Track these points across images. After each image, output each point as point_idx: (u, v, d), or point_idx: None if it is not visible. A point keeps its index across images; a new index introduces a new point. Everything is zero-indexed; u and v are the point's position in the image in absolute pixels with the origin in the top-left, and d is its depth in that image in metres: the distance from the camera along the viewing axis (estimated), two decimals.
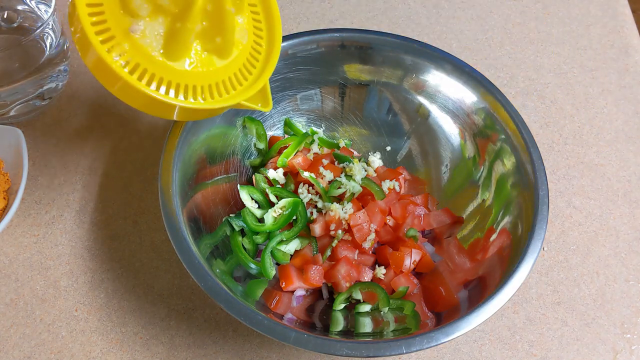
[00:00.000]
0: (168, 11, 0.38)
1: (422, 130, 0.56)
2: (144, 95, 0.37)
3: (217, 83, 0.41)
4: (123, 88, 0.37)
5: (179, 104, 0.39)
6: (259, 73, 0.44)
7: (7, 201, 0.52)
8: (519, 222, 0.45)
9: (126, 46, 0.36)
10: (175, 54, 0.38)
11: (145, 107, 0.39)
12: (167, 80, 0.38)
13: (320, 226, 0.50)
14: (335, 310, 0.47)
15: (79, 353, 0.47)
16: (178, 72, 0.38)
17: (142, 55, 0.37)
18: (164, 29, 0.38)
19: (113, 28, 0.36)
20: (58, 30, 0.58)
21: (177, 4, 0.37)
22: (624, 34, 0.72)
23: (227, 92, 0.42)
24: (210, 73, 0.41)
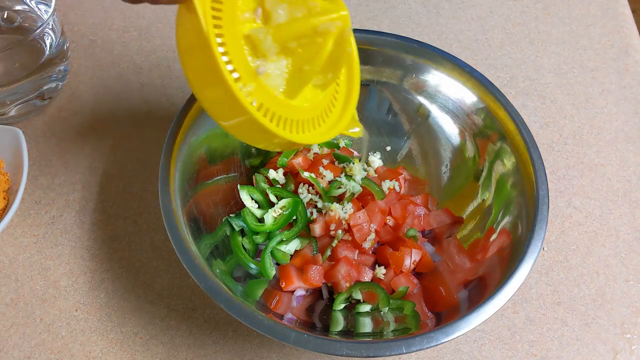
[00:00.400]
0: (295, 53, 0.37)
1: (422, 130, 0.56)
2: (269, 134, 0.36)
3: (317, 115, 0.41)
4: (246, 125, 0.36)
5: (299, 142, 0.38)
6: (345, 99, 0.44)
7: (7, 201, 0.52)
8: (519, 222, 0.45)
9: (252, 87, 0.35)
10: (296, 93, 0.38)
11: (264, 142, 0.39)
12: (284, 118, 0.37)
13: (320, 226, 0.50)
14: (335, 310, 0.47)
15: (79, 353, 0.47)
16: (293, 109, 0.38)
17: (266, 95, 0.36)
18: (287, 69, 0.37)
19: (239, 68, 0.34)
20: (58, 30, 0.58)
21: (305, 48, 0.37)
22: (624, 34, 0.72)
23: (323, 122, 0.42)
24: (314, 106, 0.40)
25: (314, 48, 0.37)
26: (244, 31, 0.35)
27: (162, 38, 0.69)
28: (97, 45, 0.68)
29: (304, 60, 0.37)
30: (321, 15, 0.36)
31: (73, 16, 0.70)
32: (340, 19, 0.37)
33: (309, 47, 0.37)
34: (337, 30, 0.37)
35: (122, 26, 0.70)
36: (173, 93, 0.64)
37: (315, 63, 0.37)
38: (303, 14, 0.37)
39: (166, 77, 0.65)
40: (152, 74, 0.65)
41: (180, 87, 0.64)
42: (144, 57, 0.67)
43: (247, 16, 0.36)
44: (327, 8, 0.37)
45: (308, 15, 0.37)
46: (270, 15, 0.36)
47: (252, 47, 0.35)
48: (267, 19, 0.36)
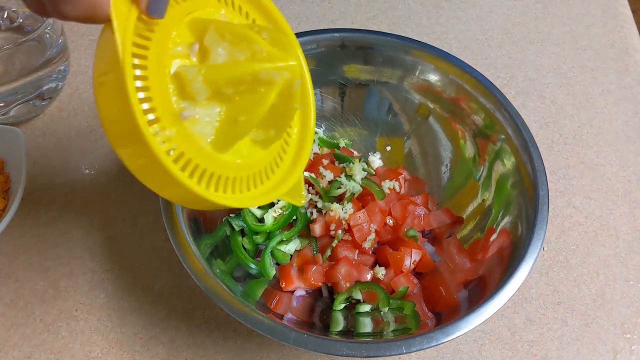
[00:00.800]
0: (230, 100, 0.32)
1: (422, 130, 0.56)
2: (184, 189, 0.31)
3: (255, 174, 0.36)
4: (158, 174, 0.31)
5: (219, 202, 0.33)
6: (293, 161, 0.39)
7: (7, 201, 0.52)
8: (519, 222, 0.45)
9: (172, 132, 0.30)
10: (227, 145, 0.33)
11: (179, 198, 0.35)
12: (209, 173, 0.32)
13: (320, 226, 0.50)
14: (335, 310, 0.47)
15: (79, 353, 0.47)
16: (222, 164, 0.33)
17: (188, 144, 0.31)
18: (219, 118, 0.32)
19: (159, 109, 0.29)
20: (58, 30, 0.58)
21: (243, 96, 0.32)
22: (624, 34, 0.72)
23: (261, 184, 0.37)
24: (251, 164, 0.36)
25: (253, 98, 0.32)
26: (172, 67, 0.31)
27: None
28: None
29: (240, 110, 0.32)
30: (265, 61, 0.31)
31: None
32: (288, 70, 0.32)
33: (248, 95, 0.32)
34: (283, 81, 0.32)
35: None
36: None
37: (252, 115, 0.32)
38: (246, 57, 0.32)
39: None
40: None
41: None
42: None
43: (180, 50, 0.31)
44: (275, 55, 0.32)
45: (250, 59, 0.32)
46: (207, 53, 0.32)
47: (179, 86, 0.30)
48: (203, 57, 0.32)
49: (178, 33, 0.31)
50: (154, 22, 0.30)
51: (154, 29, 0.30)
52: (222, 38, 0.32)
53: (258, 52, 0.32)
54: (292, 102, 0.34)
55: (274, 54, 0.32)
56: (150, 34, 0.29)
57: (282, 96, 0.33)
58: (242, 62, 0.32)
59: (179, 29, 0.31)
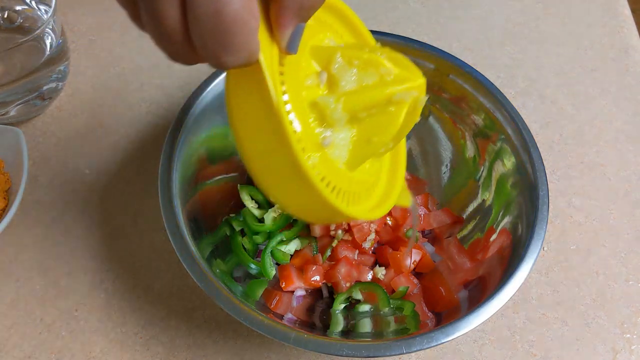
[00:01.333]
0: (363, 122, 0.33)
1: (422, 130, 0.56)
2: (333, 210, 0.32)
3: (370, 186, 0.38)
4: (309, 201, 0.32)
5: (357, 217, 0.35)
6: (391, 166, 0.41)
7: (7, 201, 0.52)
8: (519, 222, 0.45)
9: (317, 158, 0.31)
10: (359, 164, 0.35)
11: (322, 218, 0.36)
12: (343, 191, 0.33)
13: (320, 226, 0.50)
14: (335, 310, 0.47)
15: (79, 353, 0.47)
16: (351, 181, 0.34)
17: (330, 168, 0.32)
18: (352, 140, 0.34)
19: (304, 139, 0.30)
20: (58, 30, 0.58)
21: (376, 117, 0.33)
22: (624, 34, 0.72)
23: (374, 193, 0.38)
24: (368, 177, 0.37)
25: (385, 118, 0.33)
26: (309, 98, 0.31)
27: None
28: (97, 45, 0.68)
29: (373, 131, 0.34)
30: (397, 84, 0.33)
31: (73, 16, 0.70)
32: (417, 88, 0.33)
33: (379, 117, 0.33)
34: (412, 100, 0.33)
35: (122, 26, 0.70)
36: (173, 93, 0.64)
37: (386, 134, 0.34)
38: (374, 81, 0.33)
39: (166, 77, 0.65)
40: (152, 74, 0.65)
41: (180, 87, 0.64)
42: (144, 57, 0.67)
43: (310, 82, 0.32)
44: (403, 76, 0.33)
45: (381, 83, 0.33)
46: (336, 81, 0.33)
47: (319, 115, 0.32)
48: (332, 85, 0.33)
49: (305, 64, 0.32)
50: (284, 56, 0.30)
51: (284, 62, 0.30)
52: (349, 65, 0.33)
53: (386, 74, 0.33)
54: (416, 117, 0.35)
55: (402, 76, 0.33)
56: (283, 69, 0.30)
57: (408, 113, 0.34)
58: (377, 87, 0.33)
59: (305, 60, 0.32)
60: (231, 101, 0.31)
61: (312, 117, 0.32)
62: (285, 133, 0.29)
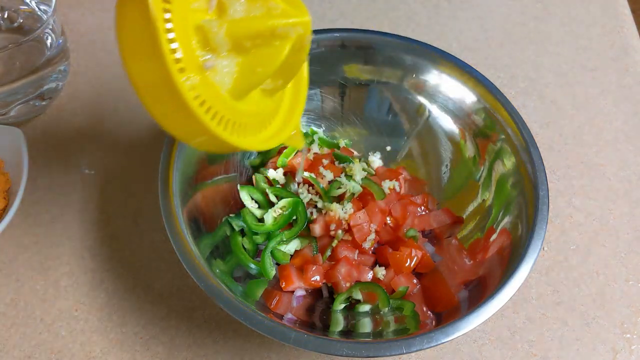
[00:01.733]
0: (248, 52, 0.34)
1: (422, 130, 0.56)
2: (209, 133, 0.33)
3: (261, 121, 0.39)
4: (183, 120, 0.33)
5: (238, 145, 0.36)
6: (289, 108, 0.42)
7: (7, 201, 0.52)
8: (519, 222, 0.45)
9: (196, 80, 0.32)
10: (243, 94, 0.36)
11: (200, 142, 0.36)
12: (226, 118, 0.34)
13: (320, 226, 0.50)
14: (335, 310, 0.47)
15: (79, 353, 0.47)
16: (236, 111, 0.35)
17: (210, 92, 0.33)
18: (237, 68, 0.35)
19: (184, 60, 0.31)
20: (58, 30, 0.58)
21: (260, 49, 0.34)
22: (624, 34, 0.72)
23: (265, 129, 0.40)
24: (258, 111, 0.38)
25: (270, 51, 0.35)
26: (194, 20, 0.32)
27: None
28: (97, 45, 0.68)
29: (257, 62, 0.35)
30: (282, 17, 0.34)
31: (73, 16, 0.70)
32: (302, 25, 0.35)
33: (265, 48, 0.35)
34: (297, 36, 0.35)
35: None
36: None
37: (269, 66, 0.35)
38: (262, 13, 0.34)
39: None
40: None
41: None
42: None
43: (198, 5, 0.33)
44: (289, 12, 0.35)
45: (267, 15, 0.34)
46: (225, 8, 0.34)
47: (202, 39, 0.33)
48: (221, 12, 0.34)
49: None
50: None
51: None
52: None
53: (273, 8, 0.35)
54: (302, 55, 0.37)
55: (288, 11, 0.35)
56: None
57: (294, 49, 0.35)
58: (261, 18, 0.34)
59: None
60: (117, 18, 0.32)
61: (195, 40, 0.32)
62: (161, 47, 0.29)
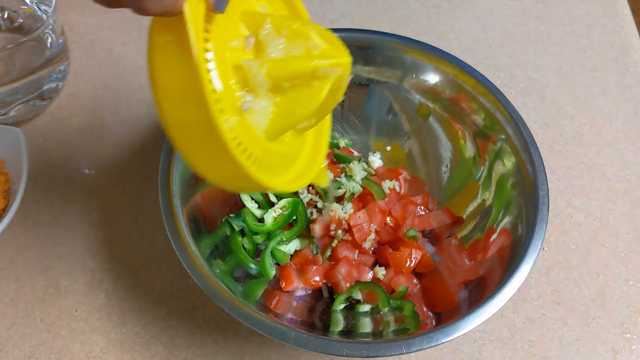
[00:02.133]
0: (286, 93, 0.34)
1: (422, 130, 0.56)
2: (246, 177, 0.32)
3: (289, 160, 0.38)
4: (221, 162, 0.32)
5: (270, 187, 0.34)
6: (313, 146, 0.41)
7: (7, 201, 0.52)
8: (519, 222, 0.45)
9: (234, 121, 0.31)
10: (279, 134, 0.35)
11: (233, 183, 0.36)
12: (260, 160, 0.33)
13: (320, 226, 0.50)
14: (335, 310, 0.47)
15: (79, 353, 0.47)
16: (268, 151, 0.34)
17: (247, 133, 0.32)
18: (274, 109, 0.34)
19: (223, 100, 0.30)
20: (58, 30, 0.58)
21: (299, 89, 0.34)
22: (624, 34, 0.72)
23: (292, 168, 0.38)
24: (287, 150, 0.37)
25: (308, 91, 0.34)
26: (233, 60, 0.31)
27: None
28: (97, 45, 0.68)
29: (295, 103, 0.34)
30: (323, 58, 0.33)
31: (73, 16, 0.70)
32: (342, 66, 0.34)
33: (303, 90, 0.34)
34: (337, 77, 0.34)
35: (122, 26, 0.70)
36: None
37: (308, 108, 0.34)
38: (301, 53, 0.33)
39: None
40: None
41: None
42: (144, 57, 0.67)
43: (236, 44, 0.32)
44: (329, 52, 0.34)
45: (307, 55, 0.33)
46: (263, 48, 0.33)
47: (241, 79, 0.32)
48: (258, 51, 0.33)
49: (233, 26, 0.32)
50: (213, 15, 0.30)
51: (212, 21, 0.30)
52: (278, 33, 0.33)
53: (313, 48, 0.33)
54: (339, 95, 0.36)
55: (328, 52, 0.34)
56: (209, 26, 0.30)
57: (332, 90, 0.34)
58: (302, 59, 0.33)
59: (234, 23, 0.32)
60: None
61: (234, 80, 0.31)
62: (203, 89, 0.28)
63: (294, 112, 0.34)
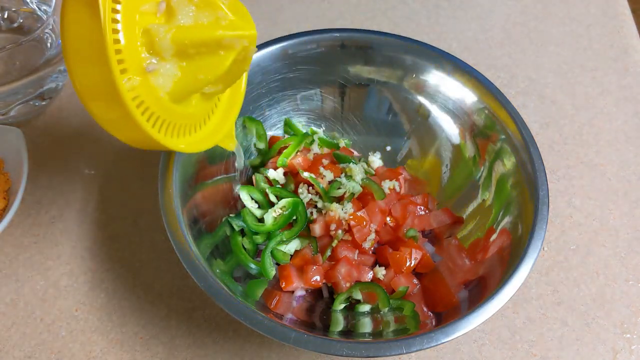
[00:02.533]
0: (192, 59, 0.36)
1: (422, 130, 0.56)
2: (142, 133, 0.35)
3: (195, 123, 0.41)
4: (120, 119, 0.35)
5: (168, 146, 0.37)
6: (225, 112, 0.44)
7: (7, 201, 0.52)
8: (519, 222, 0.45)
9: (137, 81, 0.33)
10: (182, 98, 0.37)
11: (135, 140, 0.38)
12: (162, 119, 0.36)
13: (320, 226, 0.50)
14: (335, 310, 0.47)
15: (79, 353, 0.47)
16: (173, 112, 0.37)
17: (149, 94, 0.34)
18: (179, 73, 0.36)
19: (127, 60, 0.32)
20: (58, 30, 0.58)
21: (204, 57, 0.36)
22: (624, 34, 0.72)
23: (200, 130, 0.42)
24: (194, 113, 0.40)
25: (214, 59, 0.36)
26: (142, 23, 0.33)
27: None
28: None
29: (199, 69, 0.36)
30: (229, 29, 0.35)
31: None
32: (248, 38, 0.36)
33: (208, 57, 0.36)
34: (242, 47, 0.36)
35: None
36: None
37: (211, 74, 0.36)
38: (210, 21, 0.35)
39: None
40: None
41: None
42: None
43: (147, 8, 0.34)
44: (237, 24, 0.36)
45: (215, 24, 0.35)
46: (174, 14, 0.35)
47: (148, 42, 0.34)
48: (169, 17, 0.35)
49: None
50: None
51: None
52: (189, 1, 0.35)
53: (221, 18, 0.36)
54: (245, 65, 0.39)
55: (236, 23, 0.36)
56: None
57: (237, 60, 0.37)
58: (209, 28, 0.35)
59: None
60: (63, 14, 0.32)
61: (140, 42, 0.33)
62: (106, 46, 0.30)
63: (198, 77, 0.36)
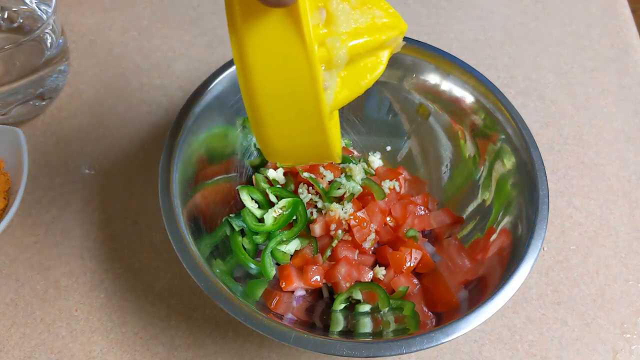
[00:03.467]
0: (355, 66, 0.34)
1: (422, 130, 0.56)
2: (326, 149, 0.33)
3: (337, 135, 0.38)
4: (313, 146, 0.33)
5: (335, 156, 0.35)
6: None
7: (7, 201, 0.52)
8: (519, 222, 0.45)
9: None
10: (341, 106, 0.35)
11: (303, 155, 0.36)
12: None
13: (320, 226, 0.50)
14: (335, 310, 0.47)
15: (79, 353, 0.47)
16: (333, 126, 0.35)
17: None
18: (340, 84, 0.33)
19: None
20: (58, 30, 0.58)
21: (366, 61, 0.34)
22: (624, 34, 0.72)
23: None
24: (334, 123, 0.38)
25: (373, 61, 0.34)
26: (316, 38, 0.31)
27: (162, 38, 0.69)
28: (97, 45, 0.68)
29: (361, 74, 0.34)
30: (390, 30, 0.33)
31: (73, 16, 0.70)
32: (403, 34, 0.34)
33: (366, 60, 0.34)
34: (396, 46, 0.35)
35: (122, 26, 0.70)
36: (173, 93, 0.64)
37: (371, 77, 0.34)
38: (367, 23, 0.33)
39: (166, 77, 0.65)
40: (152, 74, 0.65)
41: (180, 87, 0.64)
42: (144, 57, 0.67)
43: (313, 21, 0.32)
44: (392, 22, 0.34)
45: (375, 26, 0.33)
46: (334, 20, 0.32)
47: (324, 57, 0.31)
48: (328, 23, 0.32)
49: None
50: None
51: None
52: (345, 2, 0.33)
53: (377, 17, 0.33)
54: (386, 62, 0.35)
55: (392, 21, 0.33)
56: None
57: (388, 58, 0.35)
58: (377, 30, 0.33)
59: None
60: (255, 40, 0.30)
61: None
62: (315, 69, 0.29)
63: (359, 83, 0.34)
